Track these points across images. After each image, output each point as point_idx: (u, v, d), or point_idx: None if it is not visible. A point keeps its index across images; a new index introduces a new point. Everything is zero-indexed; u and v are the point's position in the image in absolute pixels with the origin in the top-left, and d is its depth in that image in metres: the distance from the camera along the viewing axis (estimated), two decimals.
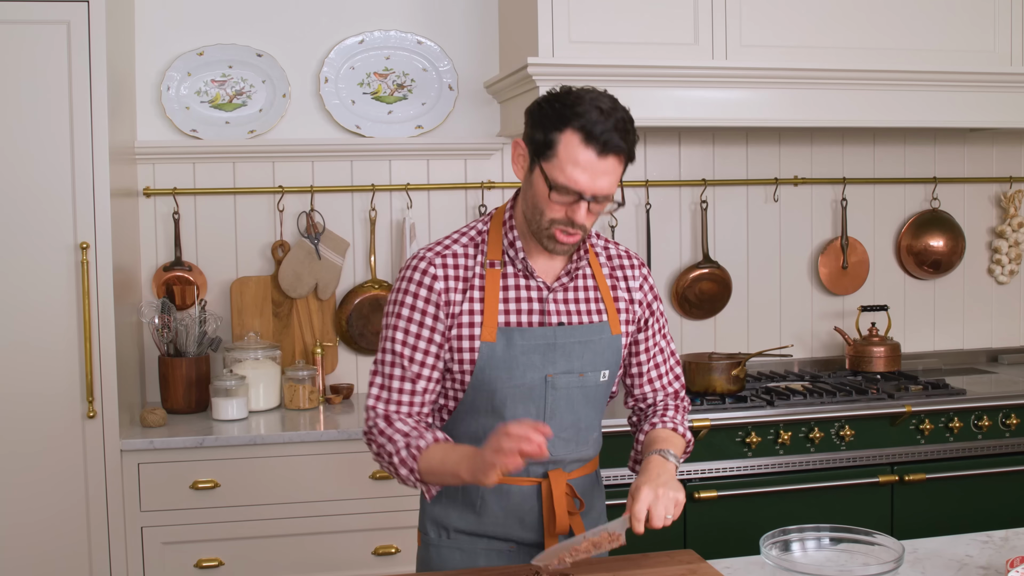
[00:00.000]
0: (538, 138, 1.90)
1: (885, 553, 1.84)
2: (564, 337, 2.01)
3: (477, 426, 2.02)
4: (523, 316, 2.00)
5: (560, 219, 1.92)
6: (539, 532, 2.03)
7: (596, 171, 1.86)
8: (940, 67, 3.54)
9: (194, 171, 3.62)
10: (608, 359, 2.07)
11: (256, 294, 3.64)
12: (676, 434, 2.11)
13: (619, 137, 1.87)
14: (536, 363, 1.99)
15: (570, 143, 1.86)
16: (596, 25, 3.37)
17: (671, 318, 3.98)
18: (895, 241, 4.20)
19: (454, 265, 2.01)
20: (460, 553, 2.06)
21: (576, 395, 2.04)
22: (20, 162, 3.01)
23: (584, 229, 1.94)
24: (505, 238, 2.03)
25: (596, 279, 2.09)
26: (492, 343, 1.97)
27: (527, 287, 2.02)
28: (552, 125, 1.88)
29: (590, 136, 1.85)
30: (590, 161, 1.86)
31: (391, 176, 3.76)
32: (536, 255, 2.04)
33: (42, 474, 3.05)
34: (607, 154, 1.86)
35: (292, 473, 3.13)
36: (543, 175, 1.90)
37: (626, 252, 2.17)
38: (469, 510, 2.05)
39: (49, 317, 3.04)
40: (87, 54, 3.01)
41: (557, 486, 2.01)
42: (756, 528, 2.74)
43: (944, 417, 3.46)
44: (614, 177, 1.89)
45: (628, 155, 1.91)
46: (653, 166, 3.95)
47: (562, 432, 2.02)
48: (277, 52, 3.67)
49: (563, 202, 1.90)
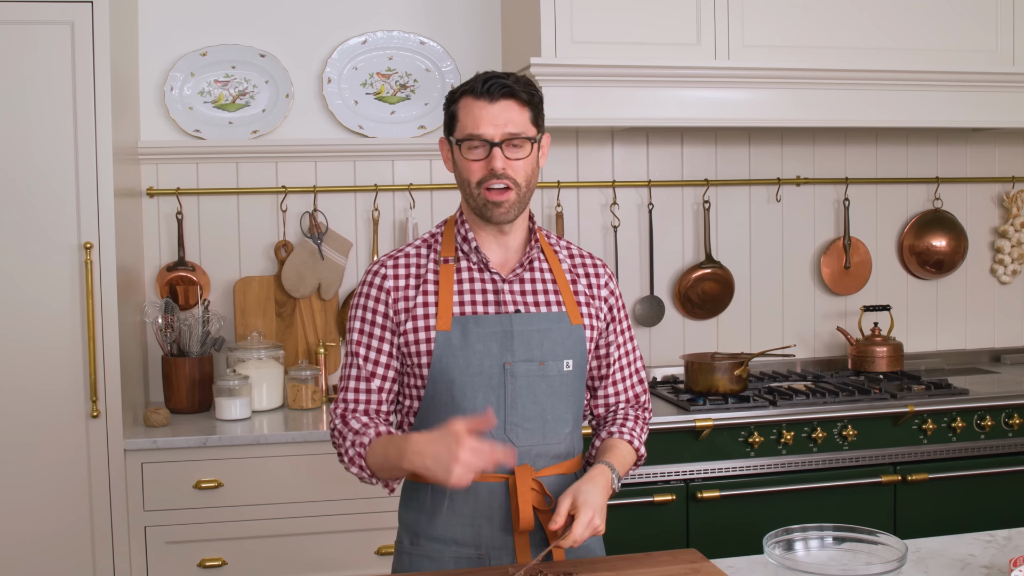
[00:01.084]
0: (446, 121, 2.08)
1: (888, 552, 1.84)
2: (521, 325, 2.05)
3: (439, 421, 2.02)
4: (479, 307, 2.06)
5: (484, 176, 2.01)
6: (508, 531, 2.04)
7: (493, 116, 1.99)
8: (943, 67, 3.55)
9: (197, 171, 3.63)
10: (570, 348, 2.08)
11: (259, 294, 3.65)
12: (630, 447, 2.15)
13: (503, 81, 2.00)
14: (494, 351, 2.02)
15: (465, 104, 2.02)
16: (599, 25, 3.37)
17: (674, 318, 3.98)
18: (898, 241, 4.20)
19: (405, 264, 2.10)
20: (429, 562, 2.07)
21: (538, 385, 2.05)
22: (24, 162, 3.01)
23: (512, 181, 2.01)
24: (458, 234, 2.11)
25: (554, 272, 2.13)
26: (448, 332, 2.02)
27: (482, 279, 2.08)
28: (449, 101, 2.07)
29: (477, 91, 2.01)
30: (483, 109, 1.99)
31: (394, 176, 3.77)
32: (490, 246, 2.10)
33: (46, 473, 3.05)
34: (496, 99, 1.99)
35: (295, 473, 3.13)
36: (456, 144, 2.03)
37: (590, 255, 2.23)
38: (437, 513, 2.06)
39: (53, 317, 3.04)
40: (91, 54, 3.01)
41: (523, 481, 2.01)
42: (758, 528, 2.75)
43: (947, 417, 3.46)
44: (517, 121, 2.01)
45: (524, 99, 2.02)
46: (656, 166, 3.96)
47: (525, 422, 2.04)
48: (280, 52, 3.68)
49: (478, 157, 2.01)
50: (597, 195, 3.90)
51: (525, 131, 2.01)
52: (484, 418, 1.84)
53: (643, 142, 3.93)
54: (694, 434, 3.26)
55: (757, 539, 2.00)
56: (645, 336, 3.95)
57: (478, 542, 2.05)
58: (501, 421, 2.02)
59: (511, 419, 2.03)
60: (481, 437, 1.82)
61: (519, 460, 2.03)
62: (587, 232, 3.89)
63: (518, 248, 2.12)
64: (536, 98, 2.05)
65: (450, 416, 2.00)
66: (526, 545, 2.04)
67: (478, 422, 1.83)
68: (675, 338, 4.00)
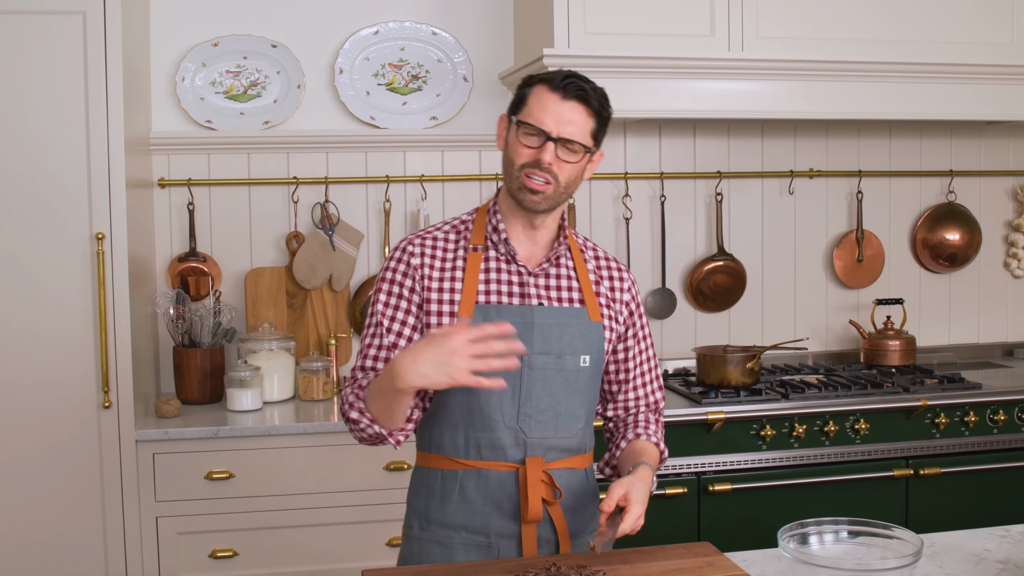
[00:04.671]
0: (514, 99, 2.08)
1: (903, 547, 1.83)
2: (542, 317, 2.06)
3: (453, 407, 2.06)
4: (503, 297, 2.07)
5: (529, 162, 2.01)
6: (517, 520, 2.05)
7: (560, 113, 2.00)
8: (957, 59, 3.52)
9: (209, 162, 3.63)
10: (588, 345, 2.09)
11: (270, 285, 3.65)
12: (657, 449, 2.18)
13: (582, 83, 2.02)
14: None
15: (538, 92, 2.03)
16: (612, 16, 3.36)
17: (686, 310, 3.97)
18: (911, 234, 4.18)
19: (432, 247, 2.11)
20: (439, 547, 2.07)
21: (554, 378, 2.06)
22: (36, 153, 3.01)
23: (553, 178, 2.01)
24: (489, 223, 2.12)
25: (578, 271, 2.14)
26: (468, 319, 2.03)
27: (508, 271, 2.09)
28: (525, 84, 2.08)
29: (554, 84, 2.02)
30: (554, 102, 2.00)
31: (405, 167, 3.76)
32: (519, 239, 2.11)
33: (58, 463, 3.06)
34: (569, 98, 2.00)
35: (306, 464, 3.13)
36: (516, 124, 2.03)
37: (616, 259, 2.25)
38: (448, 499, 2.06)
39: (65, 307, 3.05)
40: (103, 44, 3.01)
41: (533, 472, 2.02)
42: (770, 521, 2.74)
43: (960, 411, 3.44)
44: (580, 127, 2.01)
45: (595, 109, 2.03)
46: (668, 158, 3.94)
47: (538, 414, 2.05)
48: (292, 43, 3.67)
49: (531, 145, 2.01)
50: (609, 187, 3.89)
51: (583, 139, 2.02)
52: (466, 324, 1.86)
53: (655, 134, 3.91)
54: (706, 427, 3.25)
55: (769, 532, 1.99)
56: (657, 328, 3.94)
57: (487, 530, 2.05)
58: (515, 411, 2.03)
59: (525, 410, 2.03)
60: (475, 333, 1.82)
61: (530, 452, 2.04)
62: (599, 224, 3.88)
63: (546, 244, 2.13)
64: (606, 114, 2.06)
65: (464, 401, 2.04)
66: (533, 536, 2.05)
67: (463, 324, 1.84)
68: (687, 331, 3.99)
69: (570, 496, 2.10)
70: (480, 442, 2.04)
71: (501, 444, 2.03)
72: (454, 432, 2.05)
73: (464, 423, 2.04)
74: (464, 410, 2.04)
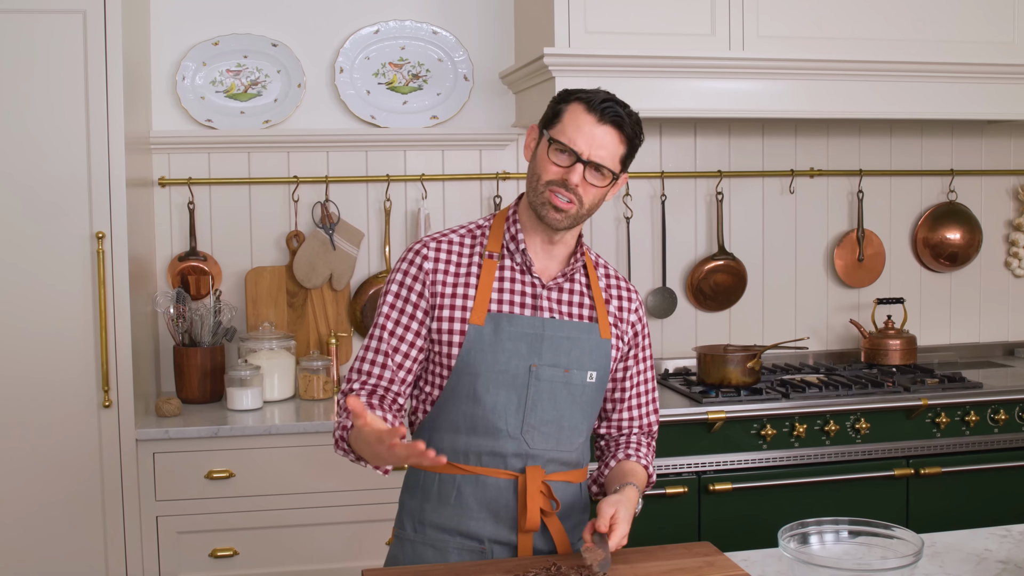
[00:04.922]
0: (548, 113, 2.06)
1: (904, 547, 1.83)
2: (552, 330, 2.06)
3: (457, 413, 2.05)
4: (515, 307, 2.06)
5: (555, 180, 2.00)
6: (513, 529, 2.04)
7: (593, 136, 1.99)
8: (958, 59, 3.52)
9: (209, 161, 3.63)
10: (596, 361, 2.10)
11: (271, 284, 3.64)
12: (645, 472, 2.18)
13: (618, 108, 2.00)
14: (522, 351, 2.03)
15: (573, 110, 2.01)
16: (613, 15, 3.35)
17: (686, 310, 3.97)
18: (911, 233, 4.18)
19: (447, 251, 2.09)
20: (432, 550, 2.07)
21: (560, 392, 2.06)
22: (36, 152, 3.01)
23: (578, 199, 2.00)
24: (507, 232, 2.11)
25: (592, 288, 2.14)
26: (480, 326, 2.02)
27: (522, 281, 2.09)
28: (561, 99, 2.06)
29: (591, 105, 2.00)
30: (589, 124, 1.99)
31: (406, 166, 3.76)
32: (536, 251, 2.10)
33: (58, 463, 3.06)
34: (605, 122, 1.99)
35: (306, 463, 3.13)
36: (547, 140, 2.02)
37: (625, 279, 2.25)
38: (444, 502, 2.06)
39: (65, 306, 3.04)
40: (103, 43, 3.01)
41: (532, 482, 2.02)
42: (770, 521, 2.74)
43: (960, 411, 3.44)
44: (611, 151, 2.00)
45: (628, 136, 2.02)
46: (668, 157, 3.94)
47: (542, 426, 2.04)
48: (292, 42, 3.67)
49: (561, 163, 2.00)
50: None
51: (612, 164, 2.01)
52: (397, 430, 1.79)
53: (656, 133, 3.91)
54: (706, 426, 3.25)
55: (769, 532, 1.99)
56: (657, 328, 3.94)
57: (482, 536, 2.05)
58: (519, 422, 2.03)
59: (529, 421, 2.03)
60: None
61: (531, 463, 2.04)
62: (599, 223, 3.88)
63: (562, 259, 2.13)
64: (637, 141, 2.06)
65: (469, 408, 2.03)
66: (528, 545, 2.05)
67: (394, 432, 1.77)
68: (687, 330, 3.98)
69: (564, 509, 2.10)
70: (481, 449, 2.03)
71: (502, 453, 2.03)
72: (455, 437, 2.05)
73: (466, 429, 2.04)
74: (467, 417, 2.03)
